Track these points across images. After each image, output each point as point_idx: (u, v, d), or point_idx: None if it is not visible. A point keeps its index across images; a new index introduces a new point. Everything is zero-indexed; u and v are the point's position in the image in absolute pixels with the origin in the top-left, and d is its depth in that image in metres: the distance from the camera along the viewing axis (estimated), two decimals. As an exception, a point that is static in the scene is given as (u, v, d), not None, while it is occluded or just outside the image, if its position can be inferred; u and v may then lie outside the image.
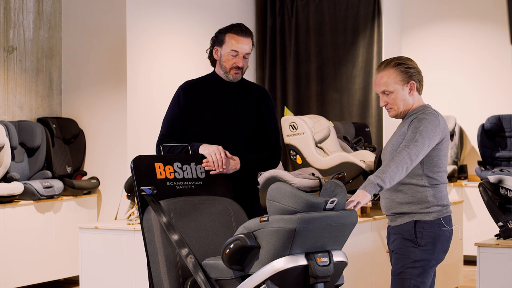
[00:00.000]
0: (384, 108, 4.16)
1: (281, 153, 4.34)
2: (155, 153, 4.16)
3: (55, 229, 7.48)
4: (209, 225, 3.87)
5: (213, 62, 4.26)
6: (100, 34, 7.98)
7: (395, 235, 3.95)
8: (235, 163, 4.08)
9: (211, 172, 4.02)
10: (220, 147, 4.03)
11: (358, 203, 3.60)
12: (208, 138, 4.14)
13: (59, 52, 8.15)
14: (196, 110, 4.20)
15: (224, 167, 4.01)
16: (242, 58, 4.16)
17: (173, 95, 4.28)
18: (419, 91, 3.97)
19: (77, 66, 8.11)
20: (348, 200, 3.60)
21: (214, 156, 4.00)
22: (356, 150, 7.79)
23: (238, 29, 4.16)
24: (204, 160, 4.03)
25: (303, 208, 3.41)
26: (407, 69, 3.92)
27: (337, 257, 3.55)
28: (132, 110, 7.87)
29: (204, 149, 4.04)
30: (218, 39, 4.19)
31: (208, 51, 4.26)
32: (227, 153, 4.06)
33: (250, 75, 9.63)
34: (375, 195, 6.40)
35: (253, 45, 4.21)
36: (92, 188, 7.87)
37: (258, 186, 4.37)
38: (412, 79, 3.93)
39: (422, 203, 3.88)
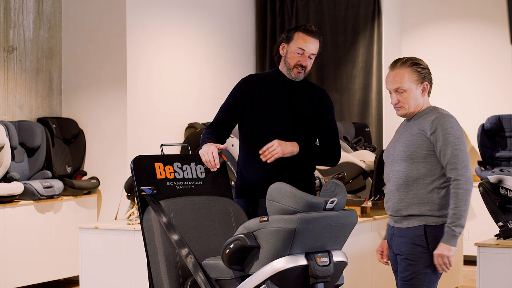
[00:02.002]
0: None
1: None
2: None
3: (55, 229, 7.48)
4: (209, 225, 3.87)
5: (278, 59, 4.32)
6: (100, 34, 7.98)
7: (401, 238, 3.90)
8: (292, 145, 4.12)
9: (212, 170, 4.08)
10: (213, 147, 4.08)
11: (447, 258, 3.79)
12: (263, 133, 4.19)
13: (59, 52, 8.15)
14: (255, 104, 4.24)
15: (218, 166, 4.06)
16: (307, 58, 4.22)
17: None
18: (429, 93, 4.00)
19: (77, 66, 8.11)
20: (436, 256, 3.77)
21: (206, 156, 4.06)
22: (356, 150, 7.80)
23: (307, 28, 4.24)
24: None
25: (303, 208, 3.41)
26: (422, 69, 3.95)
27: (337, 257, 3.55)
28: (132, 110, 7.87)
29: (200, 149, 4.11)
30: (287, 36, 4.27)
31: (275, 48, 4.32)
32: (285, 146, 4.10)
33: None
34: (376, 196, 6.41)
35: (320, 47, 4.27)
36: (92, 188, 7.87)
37: (316, 187, 4.42)
38: (425, 80, 3.95)
39: (431, 204, 3.86)
